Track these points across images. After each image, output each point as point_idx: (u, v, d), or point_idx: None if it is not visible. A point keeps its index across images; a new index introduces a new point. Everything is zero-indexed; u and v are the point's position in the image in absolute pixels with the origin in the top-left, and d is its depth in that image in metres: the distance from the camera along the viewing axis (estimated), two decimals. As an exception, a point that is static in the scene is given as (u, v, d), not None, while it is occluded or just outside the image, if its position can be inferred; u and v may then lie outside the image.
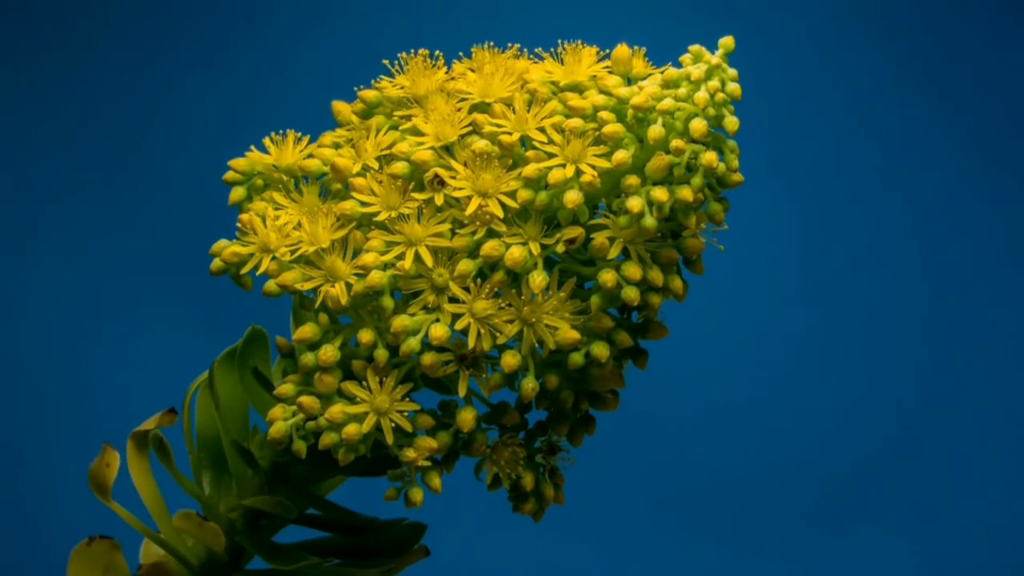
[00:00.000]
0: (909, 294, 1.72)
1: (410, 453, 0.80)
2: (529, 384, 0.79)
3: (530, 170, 0.78)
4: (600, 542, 1.65)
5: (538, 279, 0.78)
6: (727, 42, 0.81)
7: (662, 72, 0.81)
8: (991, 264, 1.72)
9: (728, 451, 1.68)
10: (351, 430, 0.78)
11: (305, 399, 0.79)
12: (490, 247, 0.78)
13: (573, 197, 0.77)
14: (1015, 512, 1.67)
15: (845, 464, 1.68)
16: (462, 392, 0.80)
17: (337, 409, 0.78)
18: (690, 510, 1.67)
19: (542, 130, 0.80)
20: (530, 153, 0.79)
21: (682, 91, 0.79)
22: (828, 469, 1.68)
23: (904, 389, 1.70)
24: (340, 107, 0.87)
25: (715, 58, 0.80)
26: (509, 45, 0.85)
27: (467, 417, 0.80)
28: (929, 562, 1.65)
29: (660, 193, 0.77)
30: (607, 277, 0.78)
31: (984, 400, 1.71)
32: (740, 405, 1.69)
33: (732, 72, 0.80)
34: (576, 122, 0.79)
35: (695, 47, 0.81)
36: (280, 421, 0.80)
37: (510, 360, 0.79)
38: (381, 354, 0.78)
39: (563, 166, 0.78)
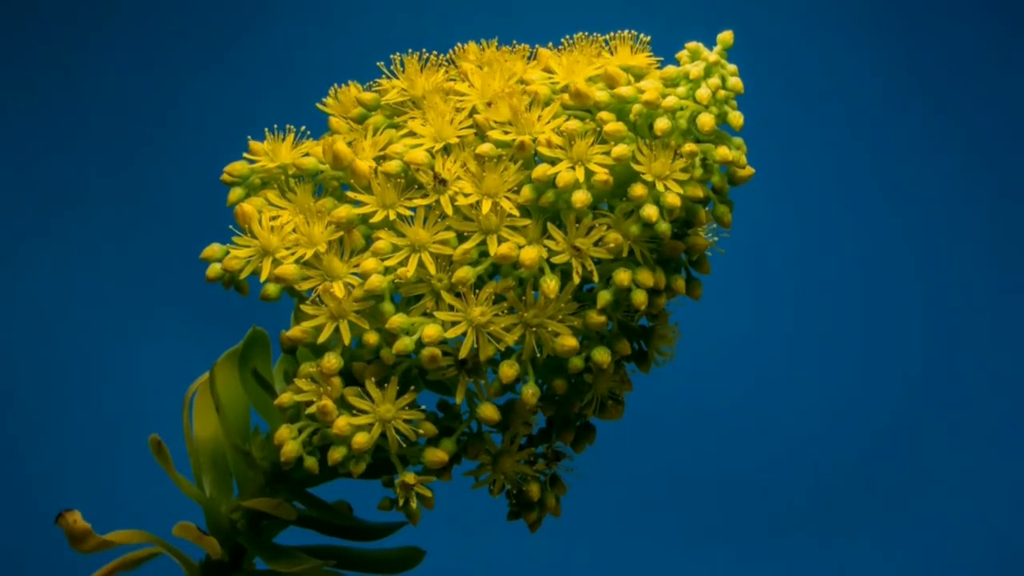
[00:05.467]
0: (903, 296, 1.72)
1: (409, 478, 0.79)
2: (529, 390, 0.79)
3: (538, 172, 0.78)
4: (596, 543, 1.65)
5: (551, 283, 0.77)
6: (725, 37, 0.80)
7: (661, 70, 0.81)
8: (985, 267, 1.72)
9: (723, 452, 1.68)
10: (360, 439, 0.78)
11: (326, 402, 0.78)
12: (507, 248, 0.77)
13: (582, 197, 0.77)
14: (1007, 513, 1.67)
15: (839, 465, 1.68)
16: (459, 398, 0.79)
17: (343, 422, 0.78)
18: (685, 511, 1.67)
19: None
20: (542, 148, 0.78)
21: (681, 90, 0.79)
22: (823, 470, 1.68)
23: (898, 390, 1.70)
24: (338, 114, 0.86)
25: (713, 55, 0.79)
26: (516, 47, 0.85)
27: (489, 412, 0.80)
28: (924, 562, 1.65)
29: (671, 198, 0.77)
30: (622, 276, 0.78)
31: (977, 401, 1.71)
32: (735, 406, 1.69)
33: (731, 67, 0.80)
34: (574, 123, 0.79)
35: (692, 44, 0.80)
36: (290, 441, 0.79)
37: (508, 371, 0.78)
38: (387, 353, 0.78)
39: (572, 168, 0.78)
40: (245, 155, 0.85)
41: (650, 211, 0.77)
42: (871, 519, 1.67)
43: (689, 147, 0.78)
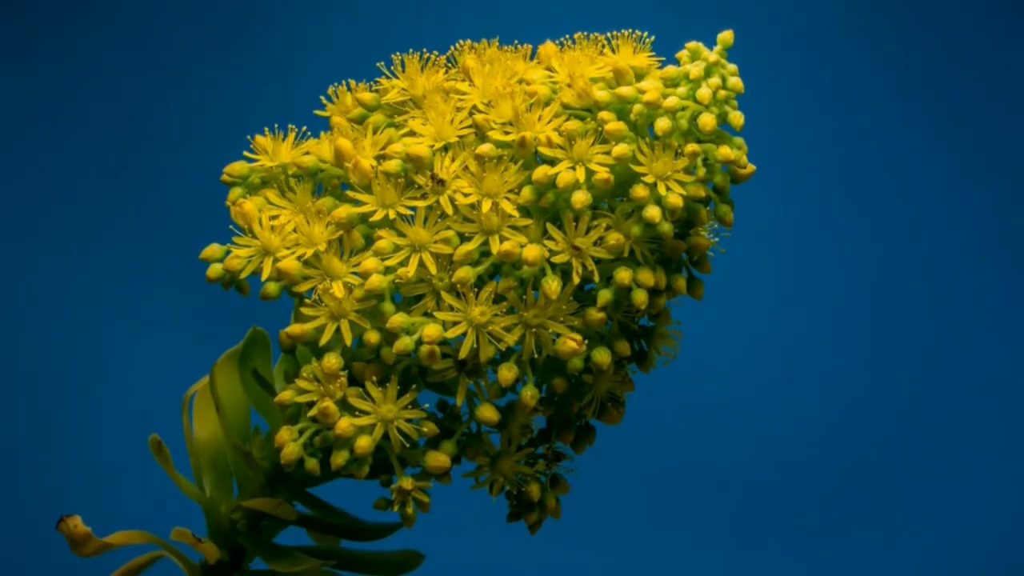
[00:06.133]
0: (908, 295, 1.72)
1: (406, 483, 0.79)
2: (528, 393, 0.79)
3: (539, 173, 0.77)
4: (597, 544, 1.65)
5: (553, 284, 0.77)
6: (726, 37, 0.80)
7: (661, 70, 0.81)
8: (990, 266, 1.72)
9: (727, 452, 1.68)
10: (363, 443, 0.77)
11: (328, 404, 0.78)
12: (510, 246, 0.77)
13: (582, 198, 0.77)
14: (1007, 513, 1.67)
15: (844, 465, 1.68)
16: (460, 400, 0.79)
17: (345, 423, 0.78)
18: (688, 511, 1.67)
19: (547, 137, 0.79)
20: (543, 148, 0.78)
21: (682, 90, 0.79)
22: (828, 470, 1.68)
23: (903, 390, 1.70)
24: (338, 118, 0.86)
25: (713, 55, 0.79)
26: (518, 47, 0.84)
27: (488, 414, 0.79)
28: (924, 562, 1.65)
29: (673, 199, 0.77)
30: (623, 275, 0.77)
31: (982, 401, 1.70)
32: (739, 406, 1.69)
33: (732, 67, 0.79)
34: (575, 123, 0.79)
35: (692, 44, 0.80)
36: (291, 443, 0.79)
37: (507, 374, 0.78)
38: (388, 352, 0.78)
39: (572, 168, 0.77)
40: (245, 154, 0.85)
41: (653, 212, 0.77)
42: (872, 519, 1.67)
43: (692, 147, 0.77)
